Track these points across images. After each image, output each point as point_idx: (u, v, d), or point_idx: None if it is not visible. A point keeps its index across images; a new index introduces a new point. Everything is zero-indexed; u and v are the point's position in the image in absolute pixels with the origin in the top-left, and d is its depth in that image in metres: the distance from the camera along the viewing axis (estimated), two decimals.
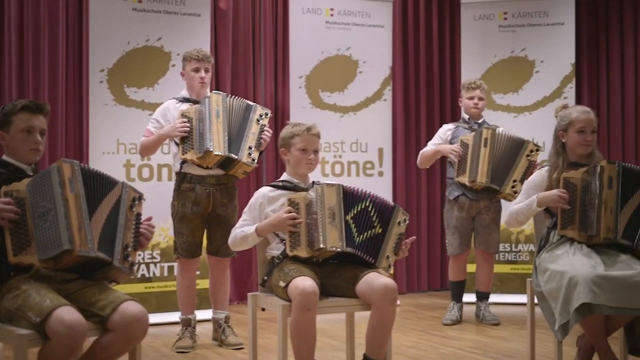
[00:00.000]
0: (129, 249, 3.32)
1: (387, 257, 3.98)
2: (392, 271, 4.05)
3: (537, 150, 5.74)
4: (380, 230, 3.98)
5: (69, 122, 6.18)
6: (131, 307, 3.19)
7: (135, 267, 3.44)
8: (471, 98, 6.02)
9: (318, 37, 6.85)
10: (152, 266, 5.99)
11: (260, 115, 5.03)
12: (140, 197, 3.45)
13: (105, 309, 3.18)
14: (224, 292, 5.29)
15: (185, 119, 4.89)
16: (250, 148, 4.94)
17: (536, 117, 7.02)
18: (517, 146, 5.75)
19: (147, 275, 5.97)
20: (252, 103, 5.13)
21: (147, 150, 5.17)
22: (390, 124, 7.16)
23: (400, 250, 4.02)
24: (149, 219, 3.53)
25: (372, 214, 3.98)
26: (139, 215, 3.42)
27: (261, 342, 5.25)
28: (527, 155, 5.71)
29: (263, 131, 5.01)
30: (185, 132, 4.86)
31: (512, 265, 6.99)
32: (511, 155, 5.73)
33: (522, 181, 5.62)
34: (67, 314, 3.01)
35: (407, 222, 4.04)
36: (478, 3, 7.32)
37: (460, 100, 6.18)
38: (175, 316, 5.54)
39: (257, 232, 3.93)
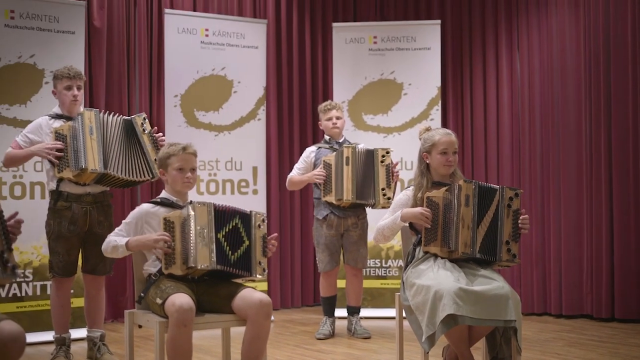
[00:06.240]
0: (5, 255, 3.16)
1: (260, 263, 4.11)
2: (266, 274, 4.17)
3: (388, 153, 5.97)
4: (248, 243, 4.10)
5: None
6: (7, 327, 3.15)
7: (18, 269, 3.32)
8: (329, 119, 6.21)
9: (193, 57, 6.91)
10: (24, 285, 5.91)
11: (142, 124, 5.10)
12: None
13: None
14: (99, 311, 5.27)
15: (59, 143, 4.90)
16: (155, 160, 4.98)
17: (405, 138, 7.28)
18: (369, 157, 5.97)
19: (18, 295, 5.89)
20: (127, 117, 5.18)
21: (13, 162, 5.18)
22: (264, 142, 7.27)
23: (268, 250, 4.15)
24: (15, 214, 3.37)
25: (240, 229, 4.09)
26: (0, 214, 3.22)
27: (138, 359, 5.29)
28: (381, 162, 5.93)
29: (154, 137, 5.10)
30: (55, 157, 4.88)
31: (382, 280, 7.21)
32: (368, 168, 5.95)
33: (389, 186, 5.89)
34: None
35: (266, 221, 4.17)
36: (349, 27, 7.56)
37: (320, 124, 6.34)
38: (48, 335, 5.50)
39: (127, 246, 4.01)
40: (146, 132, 5.10)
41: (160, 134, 5.23)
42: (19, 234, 3.40)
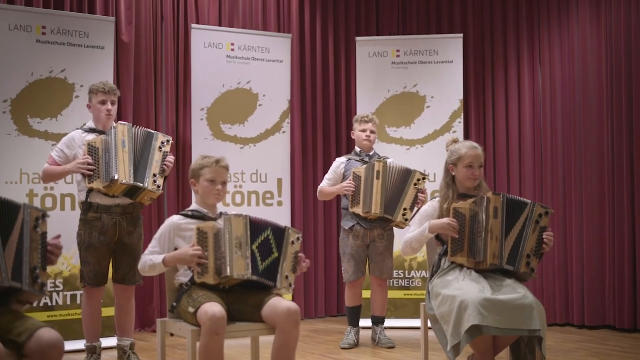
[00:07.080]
0: (37, 271, 3.34)
1: (287, 277, 4.20)
2: (292, 289, 4.27)
3: (424, 178, 6.03)
4: (277, 254, 4.18)
5: None
6: (47, 334, 3.26)
7: (46, 287, 3.46)
8: (364, 130, 6.29)
9: (219, 71, 7.03)
10: (54, 295, 6.02)
11: (162, 143, 5.21)
12: (43, 215, 3.43)
13: (21, 336, 3.24)
14: (129, 320, 5.37)
15: (89, 157, 5.03)
16: (154, 175, 5.12)
17: (427, 150, 7.36)
18: (405, 176, 6.03)
19: (49, 304, 5.99)
20: (152, 131, 5.30)
21: (50, 178, 5.33)
22: (289, 155, 7.38)
23: (298, 267, 4.24)
24: (58, 237, 3.56)
25: (271, 241, 4.18)
26: (44, 234, 3.41)
27: None
28: (415, 184, 5.99)
29: (166, 158, 5.20)
30: (89, 171, 5.02)
31: (406, 290, 7.28)
32: (400, 185, 6.02)
33: (411, 208, 5.96)
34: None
35: (301, 239, 4.26)
36: (372, 40, 7.66)
37: (352, 132, 6.42)
38: (78, 344, 5.61)
39: (163, 263, 4.10)
40: (162, 150, 5.20)
41: (171, 154, 5.32)
42: (58, 255, 3.56)
